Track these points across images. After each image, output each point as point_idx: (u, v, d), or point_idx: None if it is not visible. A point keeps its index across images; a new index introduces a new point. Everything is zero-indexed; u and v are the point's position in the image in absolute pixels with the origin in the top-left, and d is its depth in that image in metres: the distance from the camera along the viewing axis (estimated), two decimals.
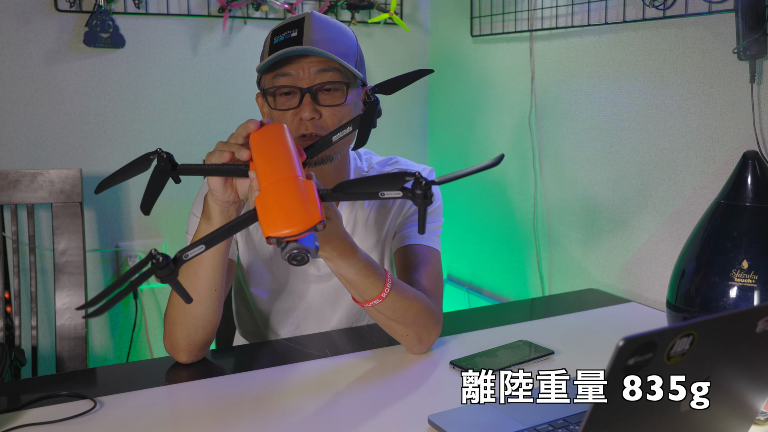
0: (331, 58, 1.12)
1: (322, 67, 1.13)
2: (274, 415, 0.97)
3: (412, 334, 1.14)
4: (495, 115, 2.05)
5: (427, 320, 1.14)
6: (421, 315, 1.13)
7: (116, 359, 2.03)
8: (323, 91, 1.14)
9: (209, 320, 1.09)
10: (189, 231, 1.22)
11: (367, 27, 2.19)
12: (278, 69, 1.14)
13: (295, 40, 1.12)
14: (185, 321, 1.08)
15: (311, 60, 1.13)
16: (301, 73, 1.13)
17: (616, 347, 0.52)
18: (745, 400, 0.71)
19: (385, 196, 0.85)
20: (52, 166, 1.83)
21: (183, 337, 1.10)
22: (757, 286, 1.07)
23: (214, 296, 1.07)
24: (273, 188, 0.84)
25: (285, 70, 1.13)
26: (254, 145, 0.93)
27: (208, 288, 1.06)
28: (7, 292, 1.55)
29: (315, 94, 1.13)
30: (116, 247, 1.97)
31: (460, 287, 2.27)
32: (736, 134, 1.38)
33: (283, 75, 1.13)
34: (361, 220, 1.28)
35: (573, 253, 1.80)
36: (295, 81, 1.13)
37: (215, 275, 1.05)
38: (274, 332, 1.33)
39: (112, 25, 1.83)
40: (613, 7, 1.61)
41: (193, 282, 1.05)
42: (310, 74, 1.13)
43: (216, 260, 1.04)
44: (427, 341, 1.16)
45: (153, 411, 1.00)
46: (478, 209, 2.16)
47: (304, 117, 1.12)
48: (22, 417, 0.95)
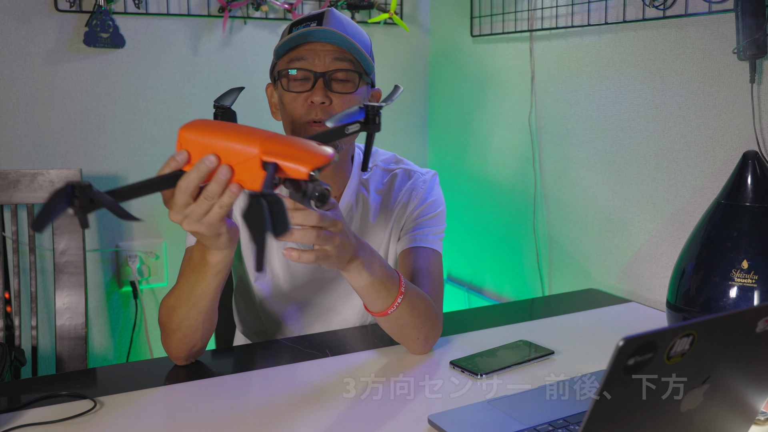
0: (348, 43, 1.15)
1: (338, 55, 1.16)
2: (274, 416, 0.97)
3: (422, 337, 1.15)
4: (495, 115, 2.05)
5: (434, 321, 1.16)
6: (429, 317, 1.14)
7: (116, 359, 2.03)
8: (336, 80, 1.16)
9: (205, 328, 1.08)
10: None
11: (367, 27, 2.19)
12: (294, 52, 1.17)
13: (314, 26, 1.15)
14: (180, 330, 1.07)
15: (328, 48, 1.16)
16: (317, 59, 1.15)
17: (616, 347, 0.52)
18: (745, 401, 0.71)
19: (349, 131, 0.95)
20: (52, 166, 1.83)
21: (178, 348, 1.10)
22: (757, 286, 1.07)
23: (210, 310, 1.05)
24: (273, 141, 0.80)
25: (302, 53, 1.16)
26: (194, 138, 0.83)
27: (207, 306, 1.04)
28: (7, 292, 1.55)
29: (328, 80, 1.16)
30: (116, 247, 1.97)
31: (460, 287, 2.27)
32: (736, 134, 1.38)
33: (299, 59, 1.16)
34: (365, 224, 1.29)
35: (573, 253, 1.80)
36: (311, 65, 1.16)
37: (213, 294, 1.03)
38: (277, 327, 1.33)
39: (112, 25, 1.83)
40: (613, 7, 1.61)
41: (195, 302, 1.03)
42: (325, 61, 1.16)
43: (215, 282, 1.00)
44: (432, 341, 1.18)
45: (153, 411, 1.00)
46: (478, 209, 2.16)
47: (315, 101, 1.14)
48: (22, 417, 0.95)
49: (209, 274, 0.98)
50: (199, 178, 0.82)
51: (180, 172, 0.83)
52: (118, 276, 1.99)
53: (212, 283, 1.00)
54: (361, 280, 1.02)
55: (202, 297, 1.02)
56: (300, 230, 0.91)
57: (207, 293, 1.01)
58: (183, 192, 0.83)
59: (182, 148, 0.83)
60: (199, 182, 0.82)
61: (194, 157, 0.83)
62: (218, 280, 1.00)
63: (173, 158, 0.83)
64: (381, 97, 1.30)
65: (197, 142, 0.83)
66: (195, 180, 0.82)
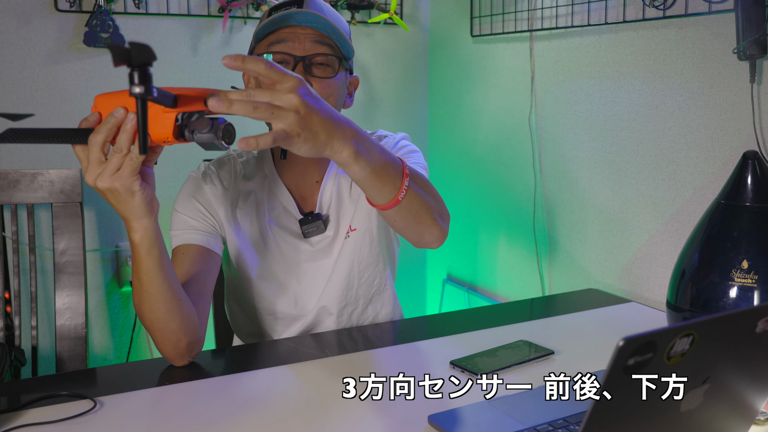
0: (329, 26, 1.15)
1: (318, 39, 1.16)
2: (274, 415, 0.97)
3: (437, 217, 1.04)
4: (495, 115, 2.05)
5: (441, 199, 1.07)
6: (436, 195, 1.05)
7: (116, 359, 2.03)
8: (315, 65, 1.16)
9: (178, 320, 1.06)
10: (174, 229, 1.23)
11: (367, 27, 2.19)
12: (274, 35, 1.17)
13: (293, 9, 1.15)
14: (154, 327, 1.06)
15: (307, 31, 1.16)
16: (296, 42, 1.15)
17: (616, 347, 0.52)
18: (745, 400, 0.71)
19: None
20: (52, 166, 1.83)
21: (165, 346, 1.09)
22: (757, 286, 1.07)
23: (171, 297, 1.04)
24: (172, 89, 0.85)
25: (280, 37, 1.16)
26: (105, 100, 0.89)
27: (160, 291, 1.02)
28: (7, 292, 1.55)
29: (308, 64, 1.16)
30: (116, 247, 1.97)
31: (460, 287, 2.27)
32: (736, 134, 1.38)
33: (278, 42, 1.16)
34: (346, 188, 1.29)
35: (573, 253, 1.80)
36: (290, 49, 1.15)
37: (159, 276, 1.01)
38: (272, 317, 1.32)
39: (112, 25, 1.83)
40: (613, 7, 1.61)
41: (147, 289, 1.02)
42: (305, 44, 1.16)
43: (151, 261, 1.00)
44: (448, 221, 1.08)
45: (153, 411, 1.00)
46: (478, 209, 2.16)
47: None
48: (22, 417, 0.95)
49: (141, 254, 0.99)
50: (109, 130, 0.87)
51: (91, 129, 0.89)
52: (118, 276, 1.99)
53: (150, 265, 0.99)
54: (359, 169, 0.89)
55: (150, 283, 1.01)
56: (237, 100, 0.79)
57: (152, 277, 1.01)
58: (95, 146, 0.88)
59: (95, 110, 0.90)
60: (109, 135, 0.87)
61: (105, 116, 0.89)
62: (153, 259, 0.99)
63: (85, 119, 0.89)
64: (358, 85, 1.31)
65: (108, 102, 0.89)
66: (104, 132, 0.87)
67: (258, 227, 1.28)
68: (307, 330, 1.32)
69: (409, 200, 0.96)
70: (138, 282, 1.03)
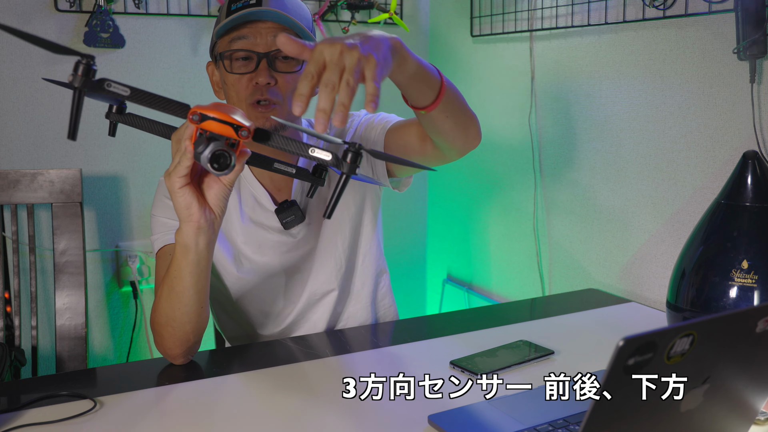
0: (289, 21, 1.14)
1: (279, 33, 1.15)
2: (274, 415, 0.97)
3: (474, 117, 1.17)
4: (495, 115, 2.05)
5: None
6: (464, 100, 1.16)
7: (116, 359, 2.03)
8: (279, 59, 1.15)
9: (197, 321, 1.07)
10: (155, 233, 1.22)
11: (367, 27, 2.19)
12: (235, 32, 1.15)
13: (253, 5, 1.14)
14: (173, 326, 1.07)
15: (268, 25, 1.15)
16: (258, 38, 1.15)
17: (616, 347, 0.52)
18: (745, 400, 0.71)
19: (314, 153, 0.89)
20: (52, 166, 1.83)
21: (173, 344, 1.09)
22: (757, 286, 1.07)
23: (195, 301, 1.05)
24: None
25: (242, 33, 1.15)
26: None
27: (183, 293, 1.03)
28: (7, 292, 1.55)
29: (272, 60, 1.15)
30: (116, 247, 1.97)
31: (460, 287, 2.27)
32: (736, 134, 1.38)
33: (240, 38, 1.15)
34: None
35: (573, 253, 1.80)
36: (252, 45, 1.15)
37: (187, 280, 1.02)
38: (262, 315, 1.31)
39: (112, 25, 1.83)
40: (613, 7, 1.61)
41: (173, 287, 1.03)
42: (267, 39, 1.15)
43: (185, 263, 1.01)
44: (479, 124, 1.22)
45: (153, 411, 1.00)
46: (478, 209, 2.16)
47: (260, 82, 1.14)
48: (22, 417, 0.95)
49: (177, 251, 1.00)
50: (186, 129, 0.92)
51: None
52: (118, 276, 1.99)
53: (182, 265, 1.01)
54: (414, 63, 0.99)
55: (177, 281, 1.02)
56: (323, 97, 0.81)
57: (181, 277, 1.02)
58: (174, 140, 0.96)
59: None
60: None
61: None
62: (187, 262, 1.01)
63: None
64: None
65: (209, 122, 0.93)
66: (182, 131, 0.93)
67: (237, 224, 1.27)
68: (298, 319, 1.31)
69: (450, 90, 1.05)
70: (168, 278, 1.04)
